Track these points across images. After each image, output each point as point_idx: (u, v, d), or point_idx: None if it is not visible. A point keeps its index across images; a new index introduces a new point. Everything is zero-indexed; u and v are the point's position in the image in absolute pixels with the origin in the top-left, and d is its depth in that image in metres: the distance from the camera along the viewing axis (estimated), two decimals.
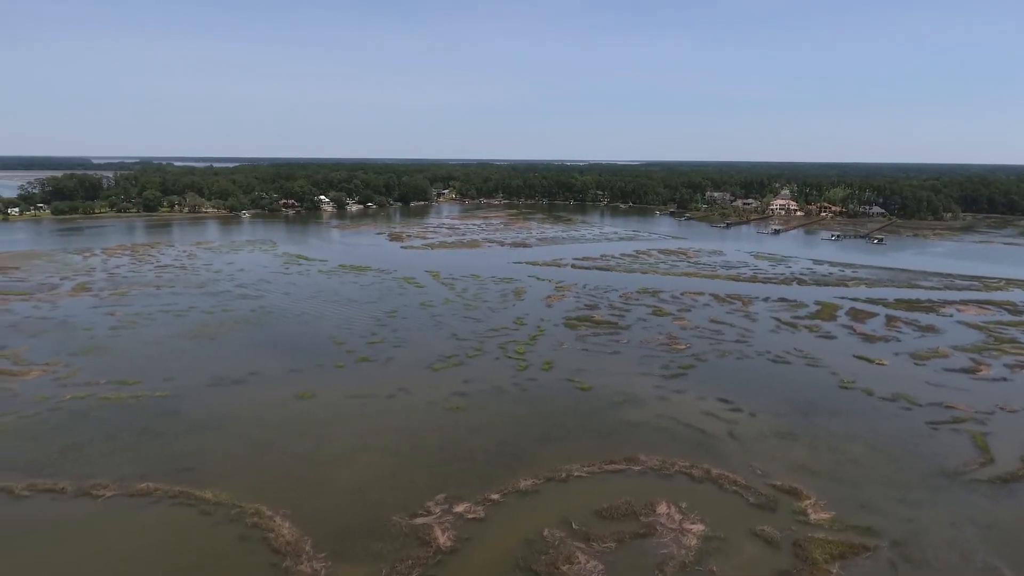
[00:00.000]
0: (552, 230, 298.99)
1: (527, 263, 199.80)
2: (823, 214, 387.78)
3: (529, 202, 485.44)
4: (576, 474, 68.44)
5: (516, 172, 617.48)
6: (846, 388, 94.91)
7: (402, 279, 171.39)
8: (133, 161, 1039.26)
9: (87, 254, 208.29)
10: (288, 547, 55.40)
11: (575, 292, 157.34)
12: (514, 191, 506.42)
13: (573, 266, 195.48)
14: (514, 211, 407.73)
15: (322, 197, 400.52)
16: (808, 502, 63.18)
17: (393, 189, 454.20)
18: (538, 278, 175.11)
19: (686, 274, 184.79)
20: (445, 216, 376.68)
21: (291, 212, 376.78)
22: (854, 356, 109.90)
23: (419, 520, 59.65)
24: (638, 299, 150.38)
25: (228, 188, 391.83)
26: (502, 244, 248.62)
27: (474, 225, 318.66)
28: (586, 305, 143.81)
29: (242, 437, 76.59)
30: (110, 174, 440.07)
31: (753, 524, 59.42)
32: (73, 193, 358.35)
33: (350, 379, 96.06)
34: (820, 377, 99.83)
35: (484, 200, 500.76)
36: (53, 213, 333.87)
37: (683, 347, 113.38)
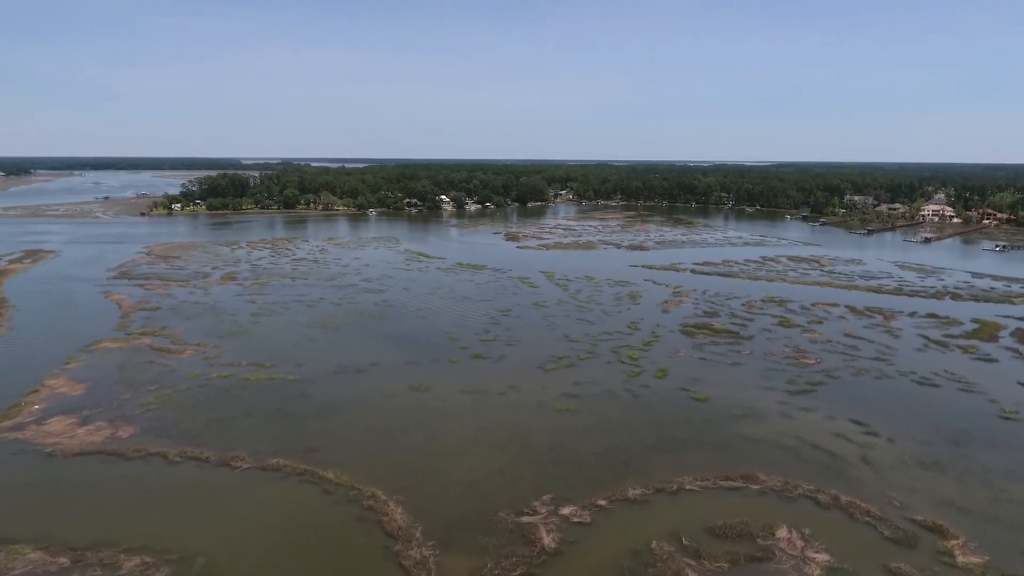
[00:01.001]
0: (671, 233, 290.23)
1: (644, 266, 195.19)
2: (986, 221, 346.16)
3: (648, 204, 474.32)
4: (688, 487, 65.59)
5: (635, 173, 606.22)
6: (1008, 418, 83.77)
7: (517, 279, 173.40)
8: (276, 162, 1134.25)
9: (234, 246, 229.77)
10: (400, 532, 57.56)
11: (694, 298, 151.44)
12: (632, 192, 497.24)
13: (693, 271, 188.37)
14: (632, 213, 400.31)
15: (443, 197, 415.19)
16: (955, 542, 56.28)
17: (511, 189, 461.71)
18: (655, 282, 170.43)
19: (818, 283, 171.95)
20: (561, 217, 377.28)
21: (414, 211, 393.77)
22: (1019, 383, 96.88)
23: (525, 519, 59.77)
24: (763, 308, 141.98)
25: (358, 187, 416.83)
26: (618, 246, 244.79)
27: (590, 226, 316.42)
28: (705, 312, 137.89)
29: (362, 423, 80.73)
30: (256, 174, 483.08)
31: (887, 560, 53.87)
32: (225, 191, 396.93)
33: (463, 375, 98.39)
34: (976, 404, 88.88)
35: (601, 201, 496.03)
36: (208, 209, 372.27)
37: (812, 362, 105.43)
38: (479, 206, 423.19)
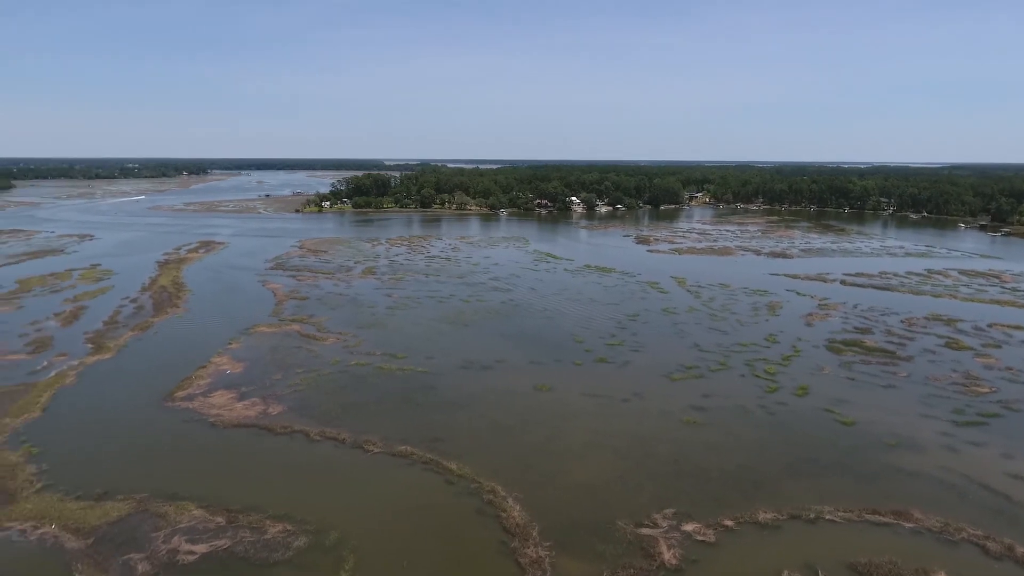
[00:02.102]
0: (819, 240, 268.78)
1: (786, 275, 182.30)
2: None
3: (794, 208, 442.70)
4: (828, 517, 60.01)
5: (780, 175, 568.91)
6: None
7: (646, 283, 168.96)
8: (415, 163, 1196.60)
9: (375, 243, 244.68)
10: (517, 529, 57.89)
11: (843, 312, 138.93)
12: (776, 196, 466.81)
13: (843, 282, 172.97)
14: (775, 218, 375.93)
15: (573, 198, 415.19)
16: None
17: (643, 191, 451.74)
18: (798, 293, 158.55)
19: (997, 302, 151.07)
20: (696, 220, 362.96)
21: (544, 211, 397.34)
22: None
23: (645, 530, 57.76)
24: (926, 327, 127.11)
25: (490, 187, 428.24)
26: (758, 253, 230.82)
27: (727, 231, 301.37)
28: (856, 328, 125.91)
29: (486, 418, 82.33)
30: (397, 174, 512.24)
31: None
32: (368, 190, 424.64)
33: (586, 377, 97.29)
34: None
35: (741, 205, 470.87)
36: (353, 206, 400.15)
37: (986, 390, 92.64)
38: (610, 208, 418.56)
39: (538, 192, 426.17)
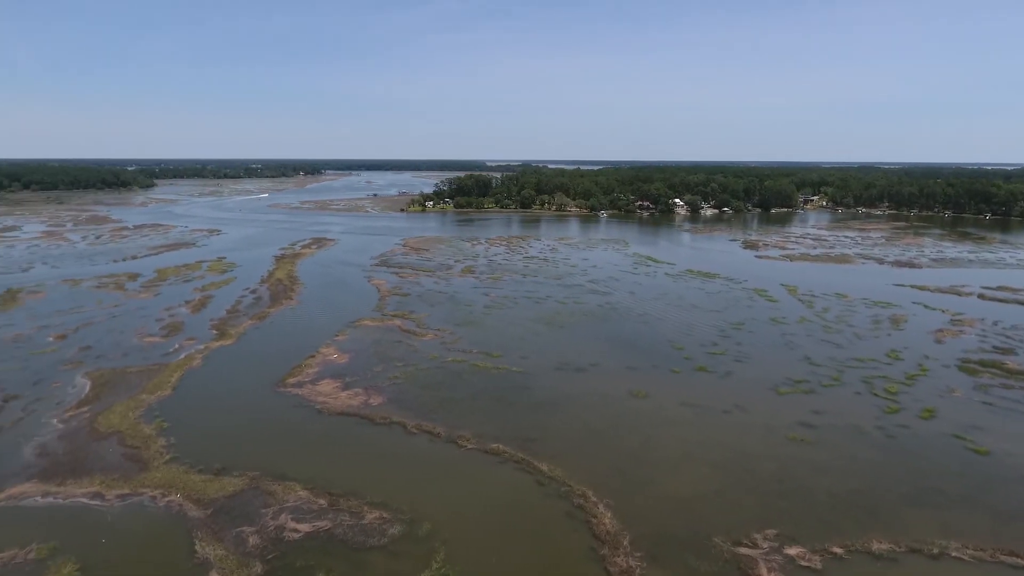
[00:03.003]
0: (954, 250, 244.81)
1: (912, 287, 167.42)
2: None
3: (924, 214, 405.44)
4: (953, 554, 54.29)
5: (909, 178, 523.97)
6: None
7: (753, 290, 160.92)
8: (517, 164, 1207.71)
9: (474, 242, 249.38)
10: (608, 536, 56.73)
11: (980, 329, 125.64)
12: (904, 200, 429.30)
13: (981, 296, 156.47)
14: (902, 224, 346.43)
15: (676, 200, 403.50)
16: None
17: (753, 194, 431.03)
18: (926, 306, 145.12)
19: None
20: (811, 225, 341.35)
21: (645, 214, 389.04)
22: None
23: (743, 550, 54.80)
24: None
25: (590, 189, 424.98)
26: (881, 262, 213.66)
27: (846, 237, 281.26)
28: (996, 347, 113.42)
29: (579, 421, 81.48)
30: (498, 175, 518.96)
31: None
32: (470, 190, 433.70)
33: (684, 386, 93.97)
34: None
35: (863, 210, 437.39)
36: (454, 207, 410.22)
37: None
38: (716, 211, 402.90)
39: (640, 194, 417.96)
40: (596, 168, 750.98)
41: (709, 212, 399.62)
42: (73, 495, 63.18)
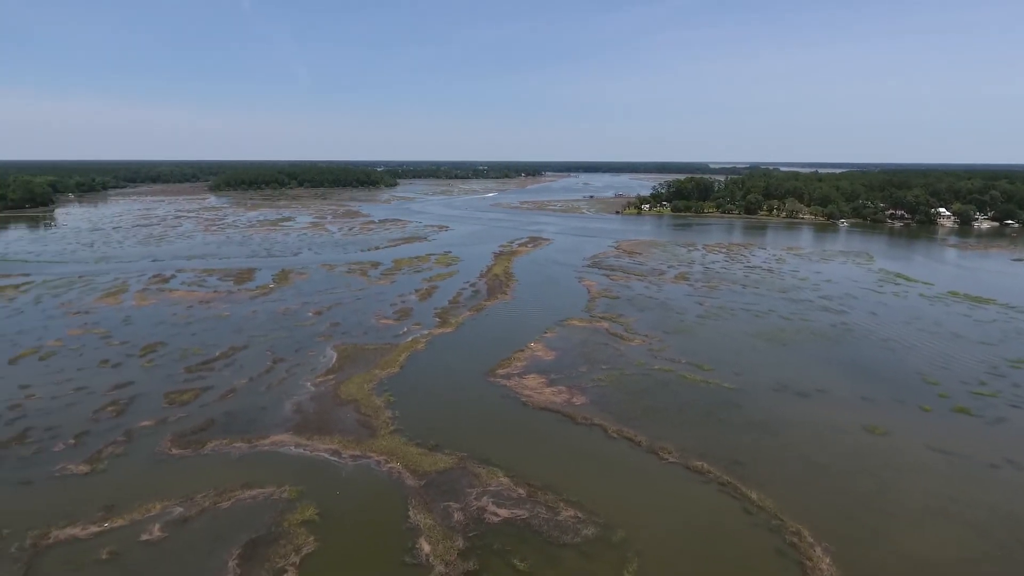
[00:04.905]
0: None
1: None
2: None
3: None
4: None
5: None
6: None
7: None
8: (744, 166, 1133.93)
9: (690, 248, 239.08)
10: None
11: None
12: None
13: None
14: None
15: (941, 209, 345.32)
16: None
17: None
18: None
19: None
20: None
21: (897, 224, 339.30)
22: None
23: None
24: None
25: (829, 195, 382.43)
26: None
27: None
28: None
29: (797, 451, 73.41)
30: (721, 178, 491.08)
31: None
32: (689, 194, 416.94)
33: (937, 428, 79.56)
34: None
35: None
36: (672, 210, 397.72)
37: None
38: (994, 224, 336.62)
39: (892, 201, 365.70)
40: (838, 171, 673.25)
41: (985, 225, 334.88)
42: (317, 449, 73.17)
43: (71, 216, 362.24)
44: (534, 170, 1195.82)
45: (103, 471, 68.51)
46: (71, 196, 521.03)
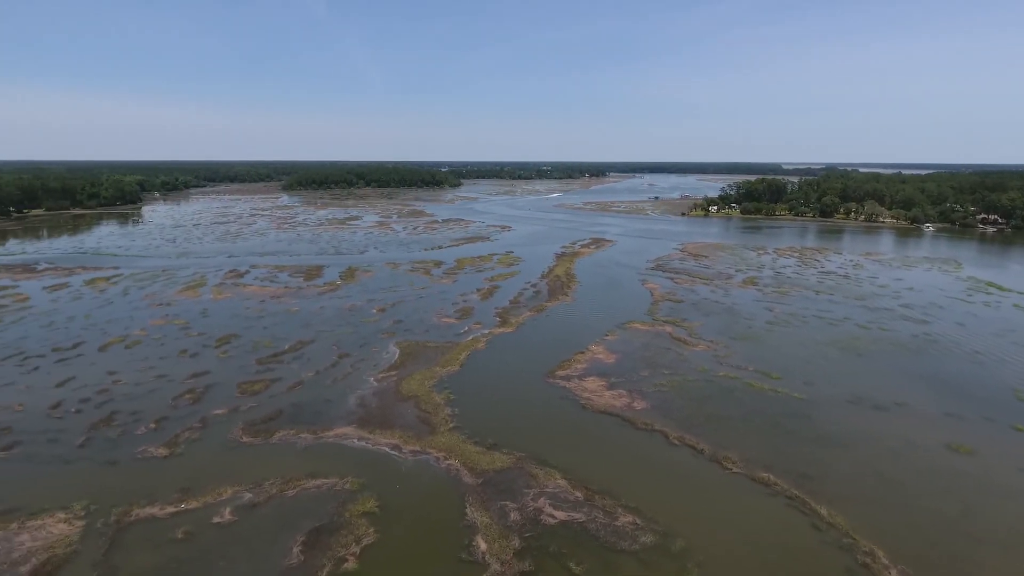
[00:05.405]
0: None
1: None
2: None
3: None
4: None
5: None
6: None
7: None
8: (819, 167, 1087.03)
9: (760, 251, 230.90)
10: None
11: None
12: None
13: None
14: None
15: None
16: None
17: None
18: None
19: None
20: None
21: (991, 230, 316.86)
22: None
23: None
24: None
25: (913, 197, 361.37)
26: None
27: None
28: None
29: (872, 467, 69.56)
30: (795, 179, 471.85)
31: None
32: (760, 195, 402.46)
33: None
34: None
35: None
36: (741, 212, 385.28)
37: None
38: None
39: (984, 204, 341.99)
40: (923, 172, 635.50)
41: None
42: (379, 443, 74.72)
43: (156, 213, 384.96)
44: (598, 171, 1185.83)
45: (180, 455, 72.21)
46: (157, 194, 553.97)
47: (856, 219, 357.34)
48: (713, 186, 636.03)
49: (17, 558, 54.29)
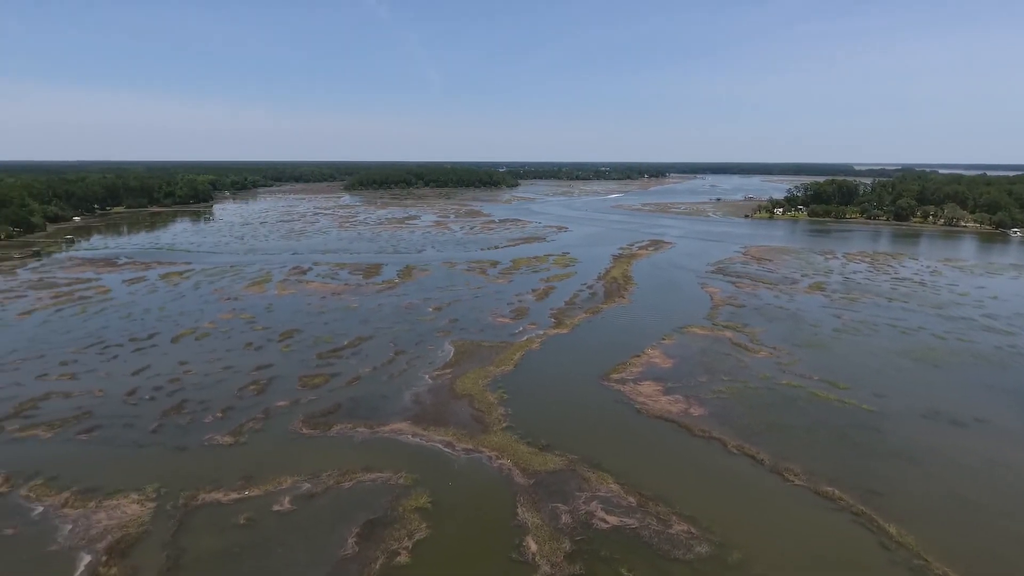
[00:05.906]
0: None
1: None
2: None
3: None
4: None
5: None
6: None
7: None
8: (894, 168, 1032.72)
9: (828, 256, 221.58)
10: None
11: None
12: None
13: None
14: None
15: None
16: None
17: None
18: None
19: None
20: None
21: None
22: None
23: None
24: None
25: (999, 200, 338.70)
26: None
27: None
28: None
29: (946, 485, 65.59)
30: (868, 181, 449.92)
31: None
32: (829, 197, 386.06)
33: None
34: None
35: None
36: (808, 215, 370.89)
37: None
38: None
39: None
40: (1010, 174, 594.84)
41: None
42: (432, 440, 75.57)
43: (226, 211, 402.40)
44: (658, 171, 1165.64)
45: (244, 444, 75.02)
46: (227, 193, 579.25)
47: (934, 223, 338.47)
48: (778, 187, 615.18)
49: (95, 535, 57.60)
